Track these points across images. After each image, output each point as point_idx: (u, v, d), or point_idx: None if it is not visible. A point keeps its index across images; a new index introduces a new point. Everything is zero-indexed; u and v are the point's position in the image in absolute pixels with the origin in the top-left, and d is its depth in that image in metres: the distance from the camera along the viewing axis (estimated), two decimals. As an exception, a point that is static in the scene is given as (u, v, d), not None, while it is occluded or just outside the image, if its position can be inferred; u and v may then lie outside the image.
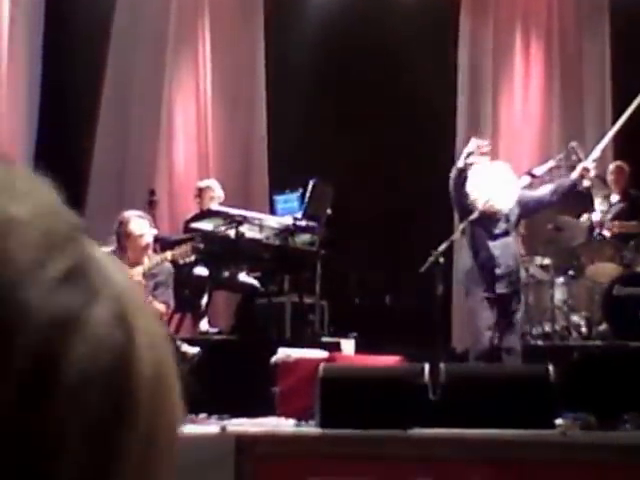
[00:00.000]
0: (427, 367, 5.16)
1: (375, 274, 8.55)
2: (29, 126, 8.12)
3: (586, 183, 6.61)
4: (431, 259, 5.99)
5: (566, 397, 5.51)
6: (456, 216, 6.70)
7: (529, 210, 6.44)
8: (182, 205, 8.42)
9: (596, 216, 7.80)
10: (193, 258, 6.21)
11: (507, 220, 6.25)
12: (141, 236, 6.09)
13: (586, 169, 6.45)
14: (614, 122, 8.90)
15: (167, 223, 8.24)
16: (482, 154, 6.21)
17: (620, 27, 8.94)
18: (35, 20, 8.27)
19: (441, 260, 6.01)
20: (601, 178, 8.23)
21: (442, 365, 5.21)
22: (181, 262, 6.13)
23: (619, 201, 7.92)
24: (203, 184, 7.94)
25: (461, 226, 6.17)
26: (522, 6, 9.26)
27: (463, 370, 5.38)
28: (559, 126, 9.07)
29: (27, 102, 8.10)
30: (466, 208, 6.10)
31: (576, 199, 8.05)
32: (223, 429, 4.60)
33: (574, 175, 6.42)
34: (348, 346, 6.41)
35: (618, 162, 8.13)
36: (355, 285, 8.70)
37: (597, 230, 7.74)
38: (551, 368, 5.16)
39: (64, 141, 8.25)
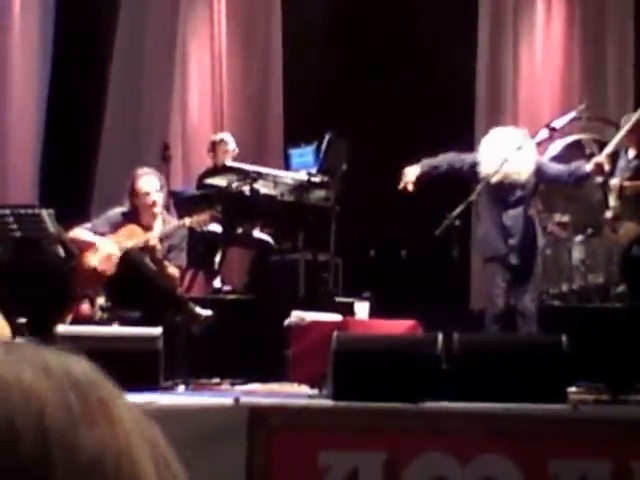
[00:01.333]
0: (440, 337, 5.27)
1: (391, 229, 8.61)
2: (41, 81, 8.16)
3: (599, 179, 6.60)
4: (446, 222, 6.06)
5: (581, 363, 5.63)
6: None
7: (545, 182, 6.47)
8: (196, 159, 8.48)
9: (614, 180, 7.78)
10: (211, 226, 6.30)
11: (523, 187, 6.29)
12: (147, 194, 6.16)
13: (599, 165, 6.42)
14: (636, 70, 8.90)
15: (181, 177, 8.32)
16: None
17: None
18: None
19: (457, 223, 6.07)
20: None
21: (455, 335, 5.31)
22: (198, 230, 6.22)
23: (635, 157, 7.89)
24: (217, 138, 7.99)
25: (478, 187, 6.22)
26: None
27: (476, 340, 5.47)
28: (580, 74, 9.01)
29: (39, 54, 8.14)
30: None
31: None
32: (236, 400, 4.73)
33: (589, 167, 6.41)
34: (362, 309, 6.53)
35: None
36: (371, 239, 8.77)
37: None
38: (564, 338, 5.26)
39: (76, 96, 8.29)
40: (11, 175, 7.94)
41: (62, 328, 5.58)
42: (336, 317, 6.37)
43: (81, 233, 6.12)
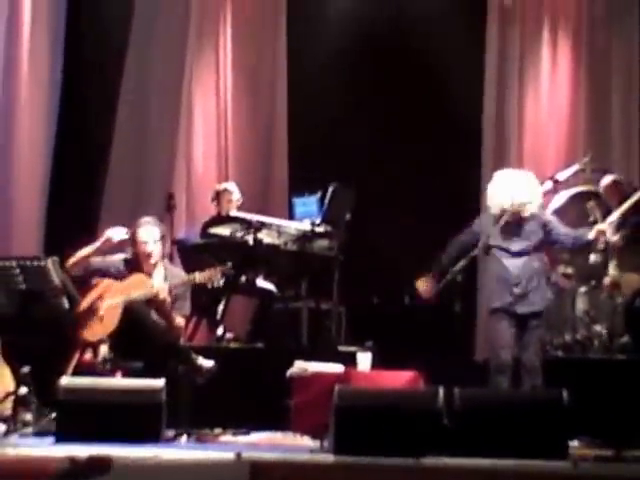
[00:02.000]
0: (441, 391, 5.36)
1: (395, 278, 8.71)
2: (48, 126, 8.31)
3: (601, 246, 6.70)
4: (449, 277, 6.16)
5: (582, 417, 5.70)
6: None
7: (550, 242, 6.53)
8: (200, 208, 8.61)
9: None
10: (221, 282, 6.37)
11: (528, 238, 6.36)
12: (144, 243, 6.25)
13: (602, 232, 6.52)
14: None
15: (185, 226, 8.44)
16: None
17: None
18: (57, 12, 8.44)
19: (459, 278, 6.16)
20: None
21: (456, 390, 5.40)
22: (209, 286, 6.29)
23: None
24: (221, 187, 8.13)
25: (480, 243, 6.30)
26: (550, 2, 9.32)
27: (477, 395, 5.56)
28: (585, 124, 9.13)
29: (46, 101, 8.29)
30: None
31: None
32: (238, 455, 4.81)
33: (591, 235, 6.49)
34: (364, 359, 6.60)
35: (613, 176, 8.06)
36: (374, 288, 8.86)
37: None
38: (565, 393, 5.35)
39: (81, 143, 8.44)
40: (16, 220, 8.06)
41: (65, 380, 5.66)
42: (338, 368, 6.45)
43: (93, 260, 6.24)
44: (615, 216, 6.74)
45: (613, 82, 9.14)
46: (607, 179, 7.90)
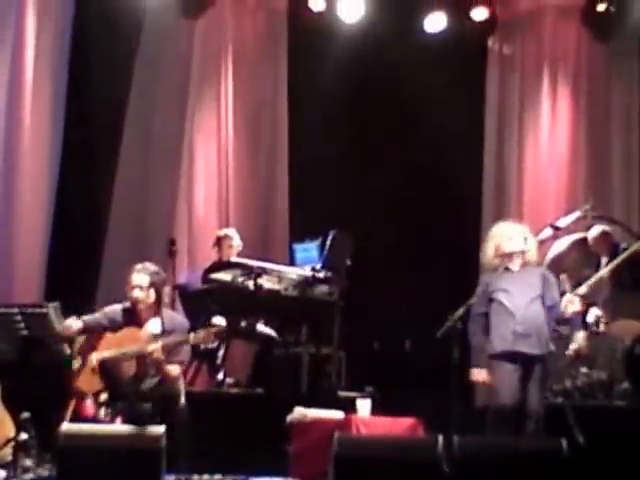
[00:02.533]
0: (440, 440, 5.40)
1: (395, 324, 8.78)
2: (50, 174, 8.39)
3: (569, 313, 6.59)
4: (448, 324, 6.22)
5: (582, 464, 5.72)
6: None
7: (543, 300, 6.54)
8: (201, 252, 8.69)
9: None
10: (215, 344, 6.33)
11: (530, 285, 6.37)
12: (131, 289, 6.17)
13: (571, 302, 6.41)
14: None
15: (187, 270, 8.51)
16: None
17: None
18: (59, 60, 8.54)
19: (459, 325, 6.22)
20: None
21: (455, 438, 5.44)
22: (202, 347, 6.27)
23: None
24: (221, 233, 8.23)
25: (478, 290, 6.34)
26: (550, 50, 9.48)
27: (476, 443, 5.59)
28: (585, 171, 9.26)
29: (48, 149, 8.38)
30: None
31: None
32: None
33: (563, 309, 6.45)
34: (364, 406, 6.64)
35: (603, 227, 8.16)
36: (374, 334, 8.93)
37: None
38: (564, 442, 5.38)
39: (83, 189, 8.51)
40: (18, 268, 8.12)
41: (65, 426, 5.70)
42: (338, 414, 6.50)
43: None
44: (584, 289, 6.64)
45: (613, 129, 9.27)
46: (595, 230, 7.97)
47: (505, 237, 6.36)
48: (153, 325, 6.24)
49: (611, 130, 9.28)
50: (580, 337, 6.34)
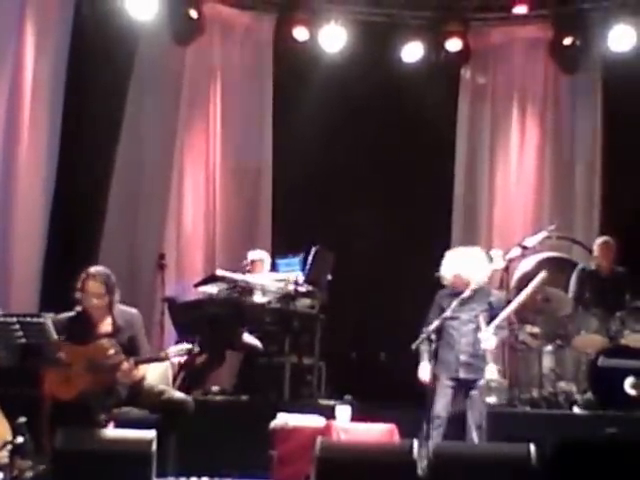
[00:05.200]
0: (416, 444, 5.44)
1: (372, 335, 8.83)
2: (46, 191, 8.40)
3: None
4: (423, 336, 6.27)
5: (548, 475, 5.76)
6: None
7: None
8: (189, 265, 8.72)
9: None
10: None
11: (475, 310, 6.44)
12: (88, 296, 5.99)
13: (486, 339, 6.40)
14: (603, 194, 9.25)
15: (175, 283, 8.53)
16: None
17: (613, 102, 9.25)
18: (56, 85, 8.56)
19: (433, 337, 6.26)
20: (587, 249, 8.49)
21: (430, 443, 5.50)
22: (175, 361, 6.18)
23: (605, 277, 8.16)
24: (256, 257, 8.19)
25: (453, 304, 6.39)
26: (519, 80, 9.59)
27: (449, 449, 5.64)
28: (551, 196, 9.39)
29: (44, 167, 8.38)
30: None
31: (563, 270, 8.37)
32: (223, 503, 4.86)
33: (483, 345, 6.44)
34: (343, 412, 6.67)
35: (605, 237, 8.36)
36: (352, 345, 8.97)
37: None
38: (532, 448, 5.43)
39: (77, 207, 8.51)
40: (14, 280, 8.11)
41: (61, 430, 5.69)
42: (319, 420, 6.52)
43: None
44: (496, 322, 6.65)
45: (577, 156, 9.39)
46: (599, 239, 8.12)
47: (460, 262, 6.45)
48: (106, 325, 6.03)
49: (575, 157, 9.40)
50: (492, 369, 6.41)
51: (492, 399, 6.45)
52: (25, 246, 8.23)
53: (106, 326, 6.05)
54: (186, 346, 6.05)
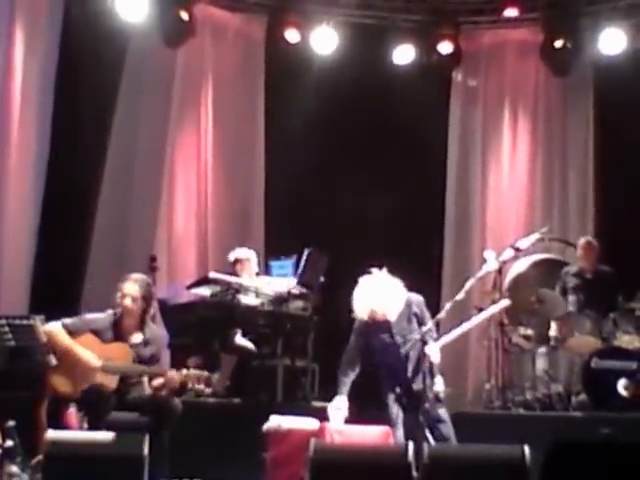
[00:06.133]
0: (411, 447, 5.34)
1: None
2: (35, 192, 8.31)
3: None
4: (414, 340, 6.15)
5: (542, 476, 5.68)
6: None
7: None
8: (181, 267, 8.63)
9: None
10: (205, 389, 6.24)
11: (402, 333, 6.17)
12: (122, 296, 6.00)
13: (434, 352, 6.05)
14: (596, 196, 9.20)
15: (166, 285, 8.43)
16: None
17: (604, 104, 9.21)
18: (46, 85, 8.47)
19: (426, 339, 6.14)
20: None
21: (425, 445, 5.39)
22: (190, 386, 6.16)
23: (590, 278, 8.12)
24: (242, 255, 8.04)
25: (447, 306, 6.24)
26: (510, 82, 9.54)
27: (444, 451, 5.54)
28: (544, 198, 9.33)
29: (34, 169, 8.29)
30: None
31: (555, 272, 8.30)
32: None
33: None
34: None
35: (588, 238, 8.29)
36: (345, 345, 8.85)
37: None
38: (527, 449, 5.34)
39: (67, 209, 8.42)
40: (3, 282, 8.02)
41: (51, 433, 5.58)
42: (312, 422, 6.41)
43: (63, 338, 5.98)
44: (448, 338, 6.47)
45: (569, 158, 9.33)
46: (582, 240, 8.07)
47: (370, 298, 6.09)
48: (136, 338, 6.07)
49: (567, 159, 9.35)
50: (440, 381, 6.26)
51: (442, 410, 6.30)
52: (15, 247, 8.14)
53: (136, 336, 6.02)
54: (205, 374, 6.03)
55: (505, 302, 6.69)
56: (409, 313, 6.20)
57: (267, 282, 7.90)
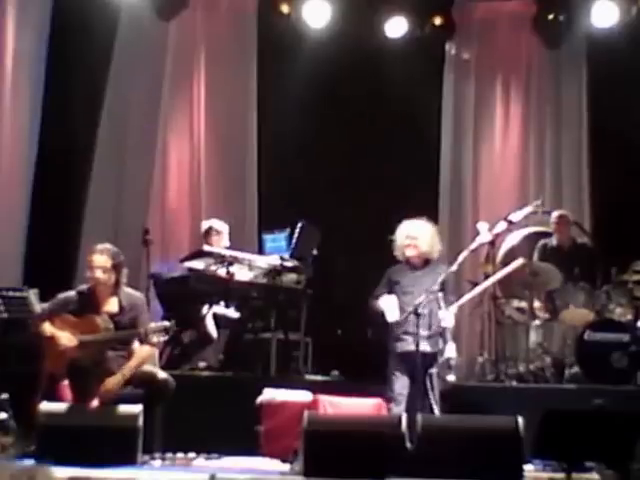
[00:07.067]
0: (405, 418, 5.35)
1: (358, 308, 8.71)
2: (28, 162, 8.27)
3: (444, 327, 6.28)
4: (409, 310, 6.15)
5: (536, 444, 5.70)
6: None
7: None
8: (174, 241, 8.61)
9: None
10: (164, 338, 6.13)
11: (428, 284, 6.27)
12: (92, 269, 5.89)
13: (444, 318, 6.16)
14: (589, 167, 9.18)
15: (160, 259, 8.41)
16: None
17: (597, 77, 9.17)
18: (37, 57, 8.43)
19: (419, 311, 6.13)
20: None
21: (419, 416, 5.40)
22: (149, 337, 6.04)
23: (567, 250, 8.14)
24: (216, 226, 7.98)
25: (441, 277, 6.26)
26: (503, 55, 9.49)
27: (438, 421, 5.56)
28: (535, 171, 9.31)
29: (26, 140, 8.25)
30: None
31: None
32: (212, 477, 4.76)
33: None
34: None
35: (561, 211, 8.29)
36: (339, 320, 8.87)
37: None
38: (520, 420, 5.36)
39: (60, 181, 8.39)
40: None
41: (45, 405, 5.58)
42: (306, 395, 6.43)
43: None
44: (462, 301, 6.45)
45: (562, 130, 9.30)
46: (555, 213, 7.97)
47: (413, 229, 6.39)
48: (112, 305, 5.96)
49: (560, 131, 9.32)
50: (452, 348, 6.27)
51: (451, 377, 6.29)
52: (7, 221, 8.11)
53: (112, 305, 5.94)
54: (164, 324, 5.94)
55: (520, 261, 6.75)
56: (435, 275, 6.28)
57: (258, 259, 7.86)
